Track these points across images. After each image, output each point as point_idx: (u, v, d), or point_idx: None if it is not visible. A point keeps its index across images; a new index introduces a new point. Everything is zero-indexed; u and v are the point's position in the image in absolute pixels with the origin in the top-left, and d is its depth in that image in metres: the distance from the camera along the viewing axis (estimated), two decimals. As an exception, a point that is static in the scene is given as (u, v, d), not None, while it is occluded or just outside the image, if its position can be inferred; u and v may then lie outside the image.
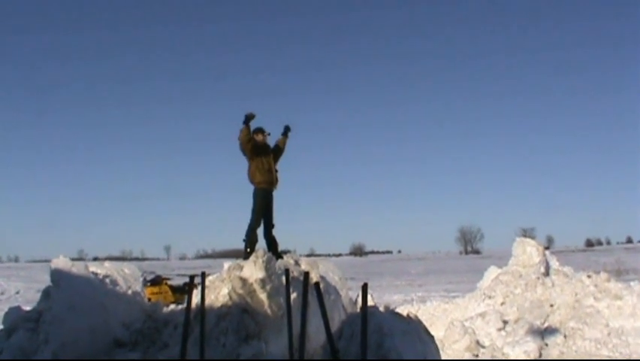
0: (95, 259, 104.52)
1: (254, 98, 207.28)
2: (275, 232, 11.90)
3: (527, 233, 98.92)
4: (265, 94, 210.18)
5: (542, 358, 12.30)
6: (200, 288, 8.33)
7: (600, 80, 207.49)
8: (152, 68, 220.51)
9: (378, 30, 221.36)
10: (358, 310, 8.24)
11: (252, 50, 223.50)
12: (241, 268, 10.21)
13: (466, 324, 13.26)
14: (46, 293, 10.73)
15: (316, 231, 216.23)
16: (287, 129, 12.37)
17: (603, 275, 14.83)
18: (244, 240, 11.61)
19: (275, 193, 12.01)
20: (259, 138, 11.79)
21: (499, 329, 13.35)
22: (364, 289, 6.60)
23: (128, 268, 12.22)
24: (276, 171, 11.97)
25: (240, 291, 9.85)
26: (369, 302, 7.28)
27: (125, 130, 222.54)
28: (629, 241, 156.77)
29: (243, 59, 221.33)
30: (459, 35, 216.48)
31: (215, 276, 10.87)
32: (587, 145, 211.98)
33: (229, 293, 9.97)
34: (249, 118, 11.47)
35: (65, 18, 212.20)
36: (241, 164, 11.81)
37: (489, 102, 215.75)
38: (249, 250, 11.28)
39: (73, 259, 11.28)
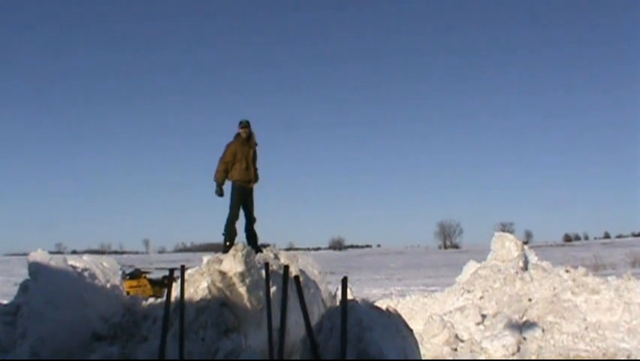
0: (74, 252, 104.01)
1: (234, 94, 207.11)
2: (255, 225, 11.89)
3: (506, 228, 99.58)
4: (246, 90, 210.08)
5: (520, 352, 12.37)
6: (179, 281, 8.31)
7: (582, 77, 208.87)
8: (137, 63, 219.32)
9: (357, 27, 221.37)
10: (338, 304, 8.25)
11: (229, 45, 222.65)
12: (220, 261, 10.20)
13: (445, 318, 13.31)
14: (24, 287, 10.66)
15: (295, 225, 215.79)
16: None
17: (581, 270, 14.96)
18: (223, 234, 11.58)
19: (255, 187, 12.00)
20: (243, 132, 11.74)
21: (478, 323, 13.42)
22: (344, 282, 6.61)
23: (106, 262, 12.16)
24: (256, 169, 11.94)
25: (220, 285, 9.83)
26: (349, 296, 7.29)
27: (105, 124, 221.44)
28: (607, 236, 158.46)
29: (226, 55, 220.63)
30: (448, 31, 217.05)
31: (194, 269, 10.84)
32: (566, 142, 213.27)
33: (208, 287, 9.95)
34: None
35: (58, 13, 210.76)
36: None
37: (468, 99, 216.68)
38: (228, 243, 11.26)
39: (51, 253, 11.22)
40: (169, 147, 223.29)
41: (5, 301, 11.41)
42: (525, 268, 15.76)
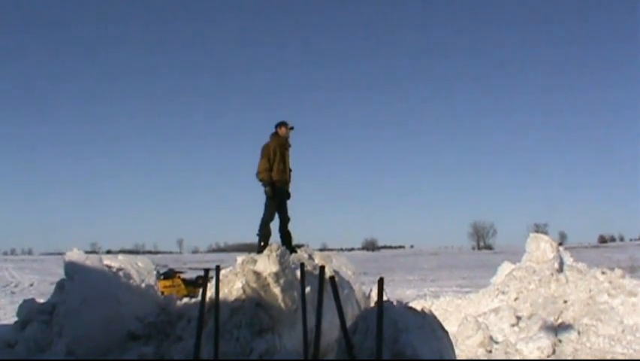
0: (109, 252, 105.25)
1: (269, 94, 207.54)
2: (289, 225, 11.91)
3: (540, 229, 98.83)
4: (278, 90, 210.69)
5: (556, 354, 12.26)
6: (214, 281, 8.33)
7: (615, 76, 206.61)
8: (163, 64, 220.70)
9: (392, 25, 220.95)
10: (372, 304, 8.21)
11: (268, 45, 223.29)
12: (255, 261, 10.21)
13: (480, 320, 13.21)
14: (60, 286, 10.78)
15: (329, 225, 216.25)
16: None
17: (617, 272, 14.75)
18: (258, 234, 11.61)
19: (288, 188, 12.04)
20: (282, 132, 11.79)
21: (513, 325, 13.30)
22: (380, 283, 6.59)
23: (141, 262, 12.26)
24: (290, 170, 11.97)
25: (254, 285, 9.85)
26: (384, 297, 7.25)
27: (138, 125, 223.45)
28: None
29: (257, 55, 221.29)
30: (469, 30, 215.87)
31: (228, 270, 10.88)
32: (599, 141, 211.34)
33: (243, 287, 9.97)
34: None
35: (63, 13, 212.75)
36: (255, 158, 11.82)
37: (500, 99, 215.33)
38: (262, 243, 11.28)
39: (86, 252, 11.35)
40: (202, 148, 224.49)
41: (42, 300, 11.53)
42: (560, 269, 15.59)
